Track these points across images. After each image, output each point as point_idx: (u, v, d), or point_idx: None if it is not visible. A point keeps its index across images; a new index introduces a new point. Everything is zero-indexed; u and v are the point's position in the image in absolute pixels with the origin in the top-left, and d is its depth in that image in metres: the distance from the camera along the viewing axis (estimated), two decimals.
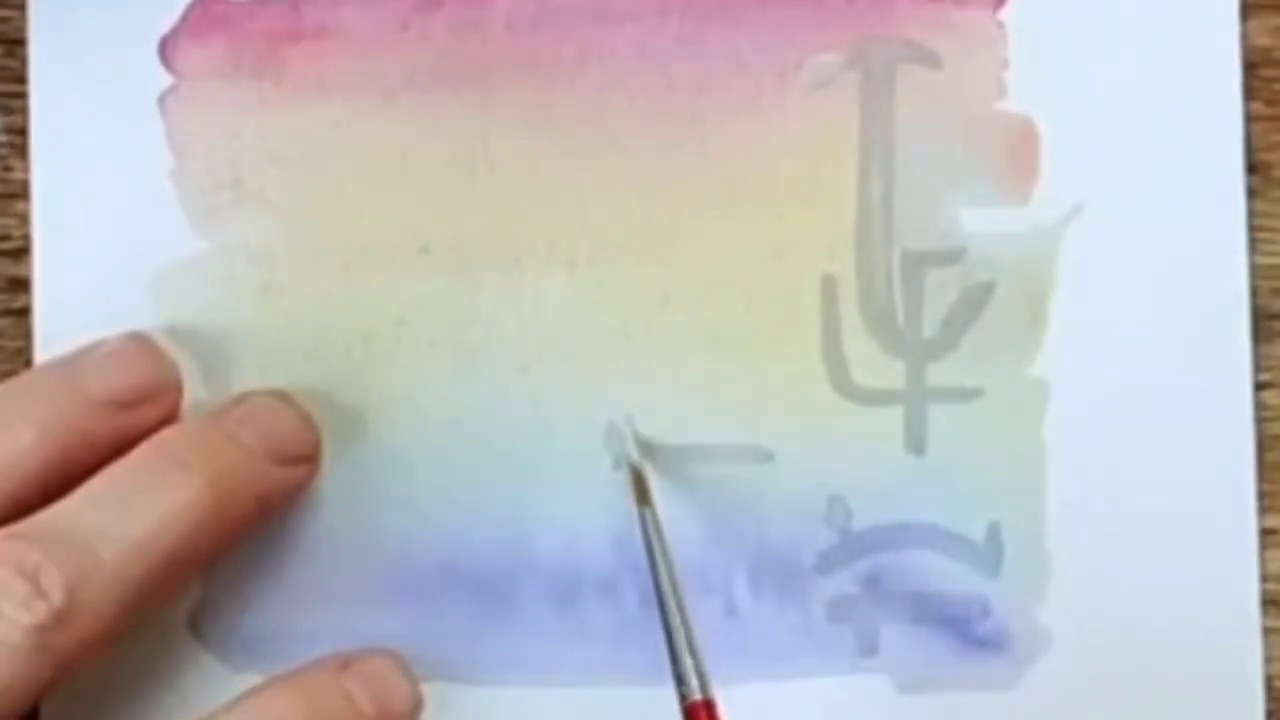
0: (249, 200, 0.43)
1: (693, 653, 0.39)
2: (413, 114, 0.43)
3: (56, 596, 0.37)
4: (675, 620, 0.39)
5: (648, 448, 0.42)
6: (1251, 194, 0.42)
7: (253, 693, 0.40)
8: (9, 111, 0.43)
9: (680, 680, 0.39)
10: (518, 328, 0.42)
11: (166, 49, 0.42)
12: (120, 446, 0.39)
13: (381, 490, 0.42)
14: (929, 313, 0.43)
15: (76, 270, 0.42)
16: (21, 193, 0.43)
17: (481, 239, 0.43)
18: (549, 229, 0.42)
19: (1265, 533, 0.42)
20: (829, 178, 0.43)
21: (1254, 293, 0.42)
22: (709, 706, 0.38)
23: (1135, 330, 0.42)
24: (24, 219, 0.43)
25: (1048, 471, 0.42)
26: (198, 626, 0.42)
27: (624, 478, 0.42)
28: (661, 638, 0.39)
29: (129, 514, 0.38)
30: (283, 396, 0.42)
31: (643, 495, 0.41)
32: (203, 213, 0.43)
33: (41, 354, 0.42)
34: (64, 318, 0.42)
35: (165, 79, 0.42)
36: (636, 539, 0.41)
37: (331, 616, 0.42)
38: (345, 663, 0.40)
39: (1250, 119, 0.42)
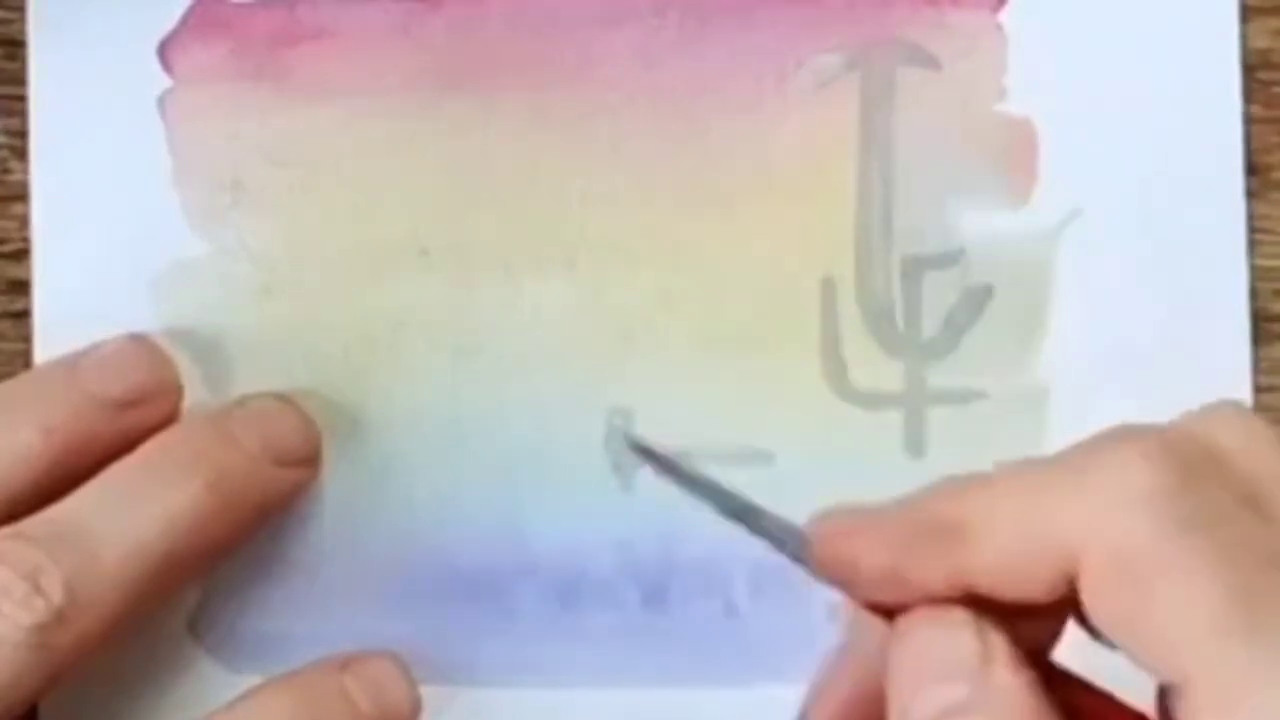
0: (249, 202, 0.43)
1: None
2: (413, 115, 0.43)
3: (56, 596, 0.37)
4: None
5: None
6: (1251, 195, 0.42)
7: (252, 694, 0.40)
8: (9, 113, 0.43)
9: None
10: (517, 329, 0.42)
11: (166, 51, 0.42)
12: (121, 447, 0.39)
13: (381, 492, 0.42)
14: (928, 315, 0.43)
15: (76, 272, 0.42)
16: (21, 195, 0.43)
17: (481, 240, 0.43)
18: (549, 230, 0.42)
19: None
20: (829, 178, 0.42)
21: (1254, 294, 0.42)
22: None
23: (1135, 333, 0.42)
24: (23, 221, 0.43)
25: None
26: (197, 628, 0.42)
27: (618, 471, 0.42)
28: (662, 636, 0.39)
29: (129, 514, 0.38)
30: (283, 398, 0.42)
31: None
32: (203, 214, 0.42)
33: (41, 356, 0.42)
34: (64, 320, 0.42)
35: (165, 81, 0.42)
36: (636, 539, 0.41)
37: (331, 618, 0.42)
38: (345, 664, 0.40)
39: (1249, 121, 0.42)
